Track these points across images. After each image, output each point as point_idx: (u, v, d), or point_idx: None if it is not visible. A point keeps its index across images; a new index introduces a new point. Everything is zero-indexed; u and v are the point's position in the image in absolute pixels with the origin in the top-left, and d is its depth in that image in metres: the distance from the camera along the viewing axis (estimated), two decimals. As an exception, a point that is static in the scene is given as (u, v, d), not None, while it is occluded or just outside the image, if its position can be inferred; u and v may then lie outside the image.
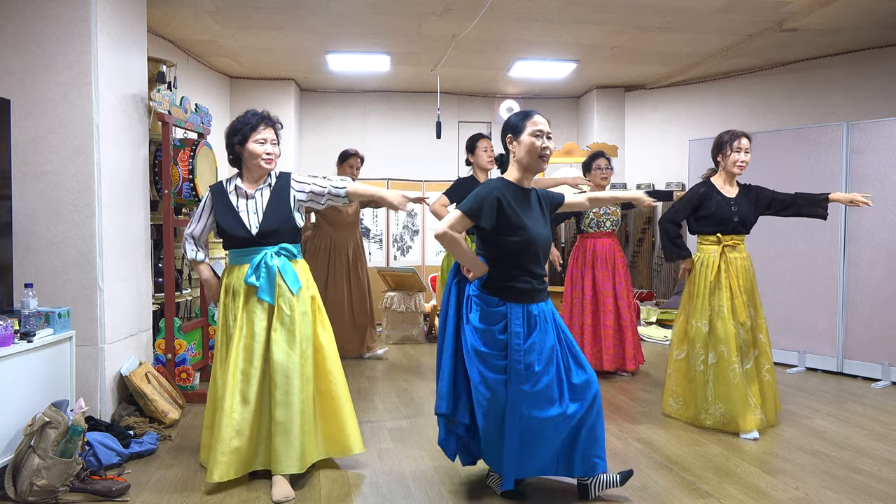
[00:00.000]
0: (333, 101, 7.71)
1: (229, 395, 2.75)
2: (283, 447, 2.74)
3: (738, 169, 3.62)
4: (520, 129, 2.63)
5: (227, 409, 2.74)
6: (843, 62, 6.02)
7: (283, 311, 2.82)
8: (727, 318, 3.54)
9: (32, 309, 2.84)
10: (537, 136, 2.60)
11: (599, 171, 4.79)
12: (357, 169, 5.29)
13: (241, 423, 2.75)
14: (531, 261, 2.62)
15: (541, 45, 5.87)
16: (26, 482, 2.57)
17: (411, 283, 6.15)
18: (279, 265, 2.82)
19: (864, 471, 3.02)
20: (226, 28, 5.34)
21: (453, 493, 2.77)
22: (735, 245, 3.66)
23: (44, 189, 3.33)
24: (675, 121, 7.39)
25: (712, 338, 3.58)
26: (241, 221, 2.85)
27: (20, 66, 3.31)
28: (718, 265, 3.61)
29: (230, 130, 2.92)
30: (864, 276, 4.77)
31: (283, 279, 2.82)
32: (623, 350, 4.77)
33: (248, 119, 2.90)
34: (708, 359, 3.58)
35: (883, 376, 4.65)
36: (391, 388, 4.51)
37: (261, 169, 2.90)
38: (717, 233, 3.65)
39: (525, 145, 2.62)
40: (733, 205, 3.63)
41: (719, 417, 3.54)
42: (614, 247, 4.86)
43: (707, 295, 3.62)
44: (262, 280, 2.80)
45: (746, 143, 3.61)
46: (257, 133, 2.87)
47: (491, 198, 2.56)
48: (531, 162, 2.63)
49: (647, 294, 7.16)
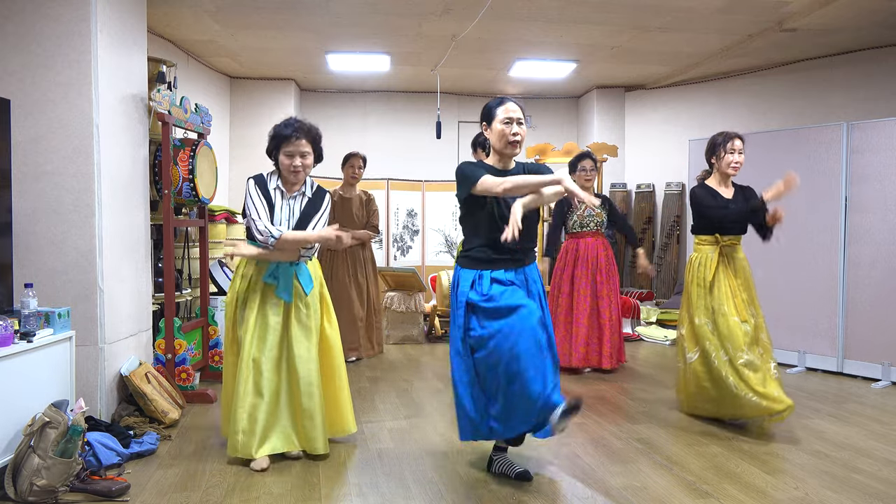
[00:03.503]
0: (333, 101, 7.71)
1: (243, 382, 3.00)
2: (312, 431, 3.05)
3: (733, 170, 3.63)
4: (492, 116, 2.77)
5: (240, 394, 2.99)
6: (843, 62, 6.02)
7: (301, 310, 3.08)
8: (728, 315, 3.56)
9: (32, 309, 2.84)
10: (507, 122, 2.73)
11: (584, 172, 4.81)
12: (360, 169, 5.30)
13: (252, 407, 3.00)
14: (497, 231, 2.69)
15: (541, 45, 5.87)
16: (26, 482, 2.57)
17: (411, 283, 6.15)
18: (296, 268, 3.07)
19: (864, 471, 3.02)
20: (226, 28, 5.34)
21: (453, 492, 2.77)
22: (732, 245, 3.69)
23: (44, 189, 3.33)
24: (675, 121, 7.38)
25: (718, 335, 3.58)
26: (279, 220, 3.03)
27: (20, 66, 3.31)
28: (716, 265, 3.63)
29: (270, 135, 3.09)
30: (864, 276, 4.77)
31: (299, 280, 3.07)
32: (600, 348, 4.81)
33: (282, 129, 3.04)
34: (720, 355, 3.56)
35: (883, 376, 4.65)
36: (391, 388, 4.51)
37: (291, 181, 3.07)
38: (715, 233, 3.68)
39: (496, 132, 2.76)
40: (731, 205, 3.65)
41: (755, 403, 3.43)
42: (598, 246, 4.91)
43: (705, 294, 3.64)
44: (280, 279, 3.02)
45: (740, 144, 3.62)
46: (288, 145, 3.02)
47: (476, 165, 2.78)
48: (502, 148, 2.76)
49: (647, 294, 7.16)
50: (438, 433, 3.57)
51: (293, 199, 3.10)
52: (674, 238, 7.28)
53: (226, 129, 7.04)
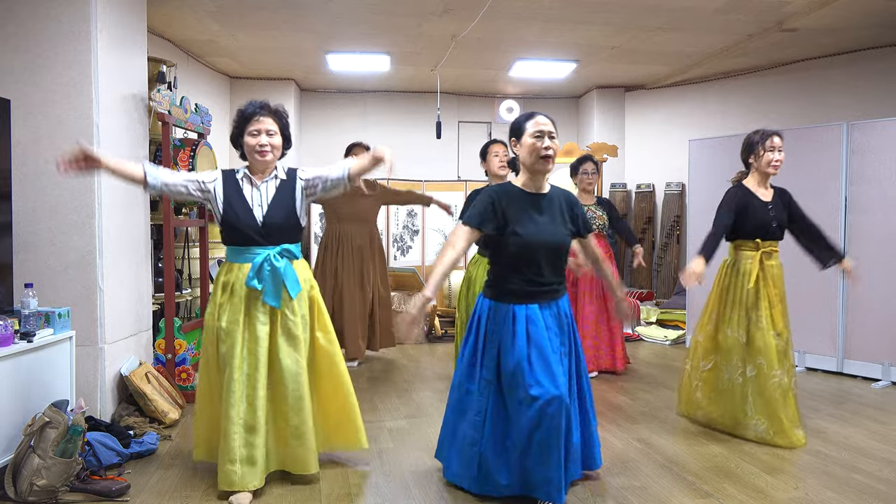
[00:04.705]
0: (333, 101, 7.71)
1: (235, 403, 2.67)
2: (301, 450, 2.78)
3: (773, 169, 3.45)
4: (521, 131, 2.63)
5: (232, 417, 2.66)
6: (843, 62, 6.02)
7: (287, 317, 2.77)
8: (766, 329, 3.38)
9: (32, 309, 2.84)
10: (538, 136, 2.59)
11: (586, 175, 4.79)
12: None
13: (249, 432, 2.69)
14: (527, 266, 2.62)
15: (541, 45, 5.87)
16: (26, 482, 2.56)
17: (411, 283, 6.15)
18: (283, 268, 2.73)
19: (865, 471, 3.02)
20: (226, 28, 5.34)
21: (453, 492, 2.77)
22: (771, 252, 3.50)
23: (44, 189, 3.33)
24: (675, 121, 7.38)
25: (751, 349, 3.40)
26: (250, 210, 2.75)
27: (20, 66, 3.31)
28: (757, 274, 3.43)
29: (233, 120, 2.86)
30: (864, 276, 4.76)
31: (285, 283, 2.74)
32: (612, 351, 4.82)
33: (245, 108, 2.81)
34: (746, 371, 3.40)
35: (883, 376, 4.65)
36: (391, 388, 4.51)
37: (258, 162, 2.78)
38: (756, 238, 3.47)
39: (526, 147, 2.61)
40: (770, 209, 3.47)
41: (761, 433, 3.36)
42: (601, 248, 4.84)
43: (744, 304, 3.44)
44: (267, 283, 2.71)
45: (779, 141, 3.45)
46: (251, 125, 2.77)
47: (484, 203, 2.63)
48: (533, 163, 2.62)
49: (647, 294, 7.16)
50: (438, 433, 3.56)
51: (264, 184, 2.80)
52: (674, 238, 7.28)
53: (226, 129, 7.03)
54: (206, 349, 2.84)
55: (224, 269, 2.82)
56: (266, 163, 2.79)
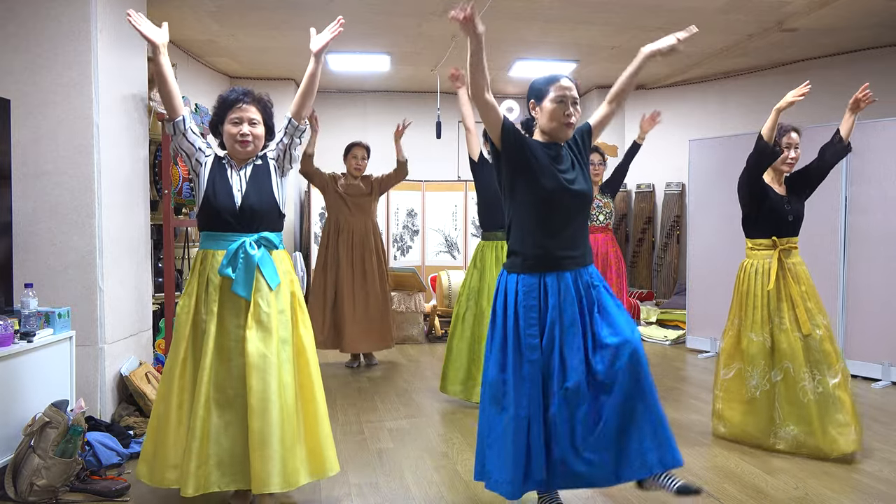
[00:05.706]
0: (333, 101, 7.71)
1: (203, 402, 2.42)
2: (260, 462, 2.37)
3: (788, 167, 3.35)
4: (543, 94, 2.42)
5: (200, 415, 2.42)
6: (843, 62, 6.02)
7: (261, 308, 2.49)
8: (790, 331, 3.21)
9: (32, 309, 2.84)
10: (561, 101, 2.38)
11: (592, 166, 4.77)
12: (363, 160, 5.11)
13: (217, 432, 2.43)
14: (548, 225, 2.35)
15: (541, 45, 5.87)
16: (26, 482, 2.57)
17: (411, 283, 6.15)
18: (258, 257, 2.51)
19: (865, 471, 3.02)
20: (226, 28, 5.34)
21: (453, 493, 2.77)
22: (790, 249, 3.34)
23: (44, 189, 3.33)
24: (675, 121, 7.38)
25: (776, 353, 3.24)
26: (231, 192, 2.56)
27: (20, 67, 3.31)
28: (777, 273, 3.27)
29: (213, 106, 2.68)
30: (864, 276, 4.76)
31: (262, 273, 2.51)
32: None
33: (227, 94, 2.63)
34: (772, 376, 3.25)
35: (883, 376, 4.65)
36: (391, 388, 4.51)
37: (238, 153, 2.60)
38: (772, 235, 3.33)
39: (547, 112, 2.40)
40: (786, 203, 3.33)
41: (791, 441, 3.18)
42: (608, 242, 4.69)
43: (765, 306, 3.27)
44: (239, 272, 2.49)
45: (797, 137, 3.32)
46: (233, 112, 2.58)
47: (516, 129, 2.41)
48: (554, 129, 2.40)
49: (647, 294, 7.16)
50: (438, 433, 3.57)
51: (243, 169, 2.62)
52: (674, 238, 7.29)
53: (226, 129, 7.03)
54: (177, 346, 2.54)
55: (199, 257, 2.60)
56: (247, 153, 2.61)
